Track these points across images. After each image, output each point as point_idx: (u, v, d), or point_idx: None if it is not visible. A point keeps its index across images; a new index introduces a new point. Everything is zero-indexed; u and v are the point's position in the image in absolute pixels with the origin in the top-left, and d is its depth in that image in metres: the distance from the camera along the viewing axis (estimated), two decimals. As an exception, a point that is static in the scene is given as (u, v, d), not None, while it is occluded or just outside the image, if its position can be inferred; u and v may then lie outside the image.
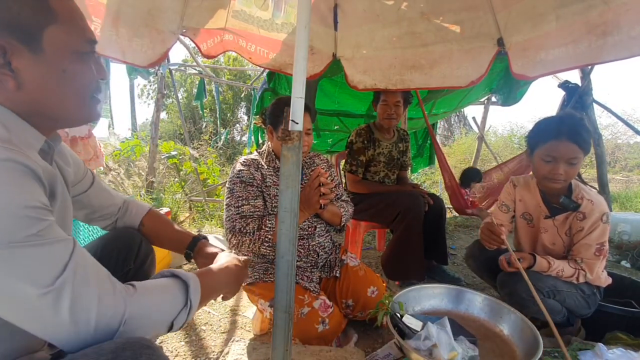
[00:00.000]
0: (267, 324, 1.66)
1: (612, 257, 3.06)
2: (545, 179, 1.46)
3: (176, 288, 0.70)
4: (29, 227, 0.52)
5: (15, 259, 0.50)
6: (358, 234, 2.40)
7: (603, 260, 1.51)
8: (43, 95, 0.60)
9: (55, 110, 0.63)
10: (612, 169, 8.88)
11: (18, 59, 0.56)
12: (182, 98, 11.88)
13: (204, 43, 2.01)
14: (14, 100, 0.59)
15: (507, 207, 1.70)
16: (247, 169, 1.51)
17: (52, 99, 0.61)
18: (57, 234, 0.56)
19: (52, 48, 0.59)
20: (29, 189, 0.54)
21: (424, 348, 1.09)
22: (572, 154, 1.38)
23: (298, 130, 0.86)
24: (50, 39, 0.58)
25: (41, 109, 0.62)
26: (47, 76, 0.59)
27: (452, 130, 12.10)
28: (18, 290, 0.51)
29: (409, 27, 2.04)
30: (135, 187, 4.91)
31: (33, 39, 0.57)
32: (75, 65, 0.62)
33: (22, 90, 0.58)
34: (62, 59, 0.60)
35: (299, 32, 0.86)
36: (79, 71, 0.63)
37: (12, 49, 0.55)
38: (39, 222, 0.53)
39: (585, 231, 1.45)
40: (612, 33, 1.45)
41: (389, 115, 2.29)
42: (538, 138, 1.47)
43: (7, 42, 0.55)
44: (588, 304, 1.50)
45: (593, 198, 1.46)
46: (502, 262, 1.50)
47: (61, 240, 0.56)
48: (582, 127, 1.41)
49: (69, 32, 0.61)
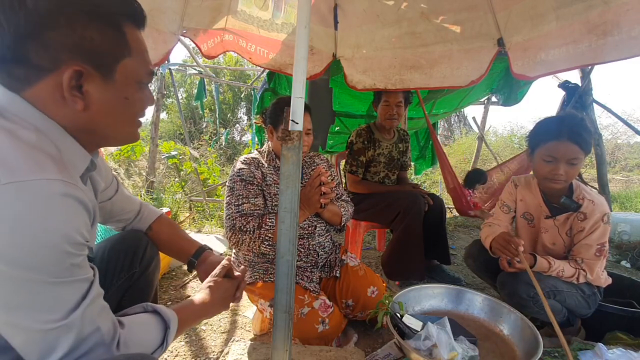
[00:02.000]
0: (267, 324, 1.66)
1: (612, 257, 3.06)
2: (545, 179, 1.46)
3: (157, 329, 0.74)
4: (65, 261, 0.55)
5: (42, 292, 0.53)
6: (358, 234, 2.40)
7: (603, 261, 1.51)
8: (103, 118, 0.65)
9: (108, 131, 0.68)
10: (612, 169, 8.87)
11: (90, 84, 0.61)
12: (182, 98, 11.87)
13: (205, 43, 2.02)
14: (75, 119, 0.62)
15: (508, 208, 1.70)
16: (248, 168, 1.51)
17: (109, 122, 0.66)
18: (85, 271, 0.59)
19: (123, 78, 0.65)
20: (80, 223, 0.57)
21: (424, 348, 1.09)
22: (572, 154, 1.39)
23: (298, 130, 0.86)
24: (123, 70, 0.64)
25: (95, 128, 0.66)
26: (112, 102, 0.65)
27: (452, 130, 12.09)
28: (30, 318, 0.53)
29: (409, 27, 2.05)
30: (135, 187, 4.91)
31: (109, 69, 0.62)
32: (136, 94, 0.68)
33: (86, 112, 0.62)
34: (128, 88, 0.66)
35: (299, 32, 0.86)
36: (138, 99, 0.69)
37: (88, 74, 0.60)
38: (76, 257, 0.56)
39: (586, 232, 1.45)
40: (613, 33, 1.46)
41: (390, 115, 2.28)
42: (539, 138, 1.47)
43: (84, 67, 0.59)
44: (588, 304, 1.50)
45: (594, 198, 1.46)
46: (503, 263, 1.50)
47: (85, 278, 0.59)
48: (583, 128, 1.41)
49: (138, 65, 0.67)
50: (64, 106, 0.61)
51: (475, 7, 1.86)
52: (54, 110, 0.60)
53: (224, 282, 0.96)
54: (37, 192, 0.51)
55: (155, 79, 6.70)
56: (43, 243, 0.51)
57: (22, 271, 0.51)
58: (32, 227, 0.50)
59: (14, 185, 0.50)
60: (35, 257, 0.51)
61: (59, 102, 0.60)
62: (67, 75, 0.58)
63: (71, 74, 0.58)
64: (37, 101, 0.59)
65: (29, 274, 0.51)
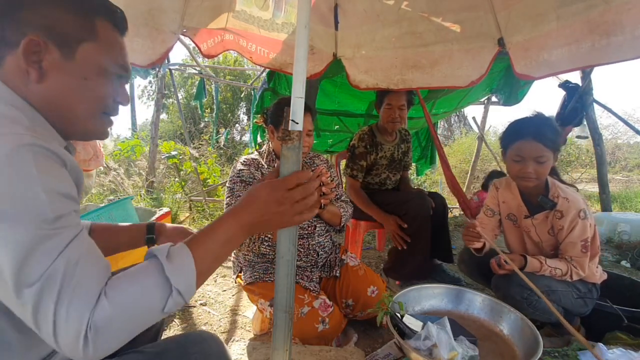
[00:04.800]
0: (267, 323, 1.66)
1: (612, 257, 3.06)
2: (517, 177, 1.52)
3: (153, 273, 0.57)
4: (46, 212, 0.52)
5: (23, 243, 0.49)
6: (358, 234, 2.40)
7: (595, 257, 1.52)
8: (59, 93, 0.65)
9: (66, 111, 0.67)
10: (612, 169, 8.87)
11: (48, 59, 0.63)
12: (182, 98, 11.87)
13: (204, 43, 2.01)
14: (33, 92, 0.63)
15: (492, 211, 1.74)
16: (248, 169, 1.51)
17: (66, 100, 0.66)
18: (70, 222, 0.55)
19: (83, 60, 0.66)
20: (58, 175, 0.56)
21: (424, 348, 1.09)
22: (537, 152, 1.43)
23: (298, 130, 0.86)
24: (84, 52, 0.66)
25: (55, 107, 0.66)
26: (70, 79, 0.65)
27: (452, 130, 12.09)
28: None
29: (409, 27, 2.04)
30: (135, 187, 4.91)
31: (69, 48, 0.64)
32: (97, 78, 0.68)
33: (42, 84, 0.63)
34: (88, 70, 0.66)
35: (299, 32, 0.86)
36: (99, 84, 0.68)
37: (46, 48, 0.62)
38: (59, 210, 0.53)
39: (565, 229, 1.47)
40: (616, 33, 1.45)
41: (393, 119, 2.24)
42: (508, 139, 1.53)
43: (43, 41, 0.62)
44: (585, 302, 1.50)
45: (569, 196, 1.48)
46: (493, 265, 1.52)
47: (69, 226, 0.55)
48: (547, 127, 1.46)
49: (102, 52, 0.68)
50: (27, 81, 0.63)
51: (476, 6, 1.86)
52: (19, 85, 0.62)
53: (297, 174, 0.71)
54: (8, 143, 0.52)
55: (155, 79, 6.70)
56: (18, 191, 0.50)
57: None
58: (4, 177, 0.50)
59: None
60: (11, 209, 0.50)
61: (23, 76, 0.62)
62: (24, 42, 0.61)
63: (27, 41, 0.61)
64: (7, 79, 0.62)
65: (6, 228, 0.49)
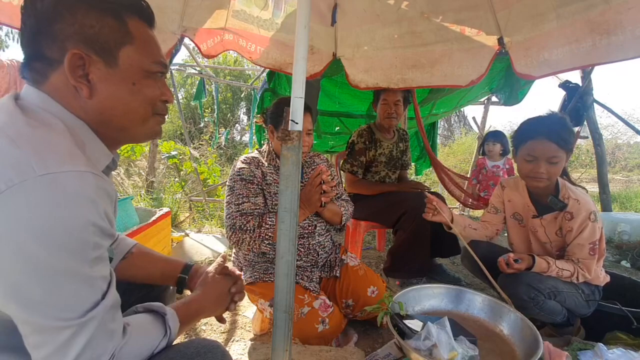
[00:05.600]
0: (267, 323, 1.66)
1: (612, 257, 3.06)
2: (528, 177, 1.50)
3: (157, 327, 0.73)
4: (91, 253, 0.56)
5: (64, 286, 0.54)
6: (358, 234, 2.40)
7: (601, 260, 1.51)
8: (112, 104, 0.67)
9: (121, 120, 0.69)
10: (612, 169, 8.88)
11: (94, 71, 0.64)
12: (182, 98, 11.86)
13: (204, 43, 2.01)
14: (86, 109, 0.65)
15: (495, 209, 1.75)
16: (248, 167, 1.51)
17: (120, 109, 0.68)
18: (105, 266, 0.60)
19: (126, 64, 0.67)
20: (107, 211, 0.59)
21: (424, 348, 1.09)
22: (551, 152, 1.41)
23: (298, 130, 0.86)
24: (125, 57, 0.67)
25: (109, 119, 0.68)
26: (119, 87, 0.67)
27: (452, 130, 12.09)
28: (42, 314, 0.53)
29: (409, 27, 2.04)
30: (135, 187, 4.91)
31: (110, 54, 0.65)
32: (144, 80, 0.70)
33: (93, 98, 0.65)
34: (134, 74, 0.68)
35: (299, 32, 0.86)
36: (146, 85, 0.70)
37: (90, 60, 0.63)
38: (100, 248, 0.58)
39: (575, 231, 1.46)
40: (617, 32, 1.45)
41: (389, 114, 2.27)
42: (520, 138, 1.51)
43: (85, 53, 0.63)
44: (588, 303, 1.50)
45: (579, 197, 1.47)
46: (501, 264, 1.51)
47: (103, 276, 0.60)
48: (562, 127, 1.44)
49: (142, 53, 0.69)
50: (77, 97, 0.64)
51: (476, 6, 1.85)
52: (70, 101, 0.64)
53: (219, 277, 0.94)
54: (70, 183, 0.54)
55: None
56: (73, 230, 0.53)
57: (51, 258, 0.52)
58: (64, 216, 0.53)
59: (47, 177, 0.52)
60: (64, 246, 0.53)
61: (72, 92, 0.64)
62: (68, 58, 0.61)
63: (70, 56, 0.61)
64: (55, 95, 0.63)
65: (55, 262, 0.52)
